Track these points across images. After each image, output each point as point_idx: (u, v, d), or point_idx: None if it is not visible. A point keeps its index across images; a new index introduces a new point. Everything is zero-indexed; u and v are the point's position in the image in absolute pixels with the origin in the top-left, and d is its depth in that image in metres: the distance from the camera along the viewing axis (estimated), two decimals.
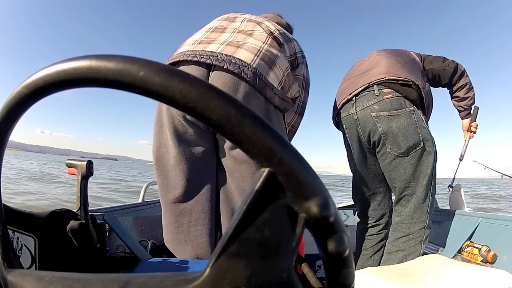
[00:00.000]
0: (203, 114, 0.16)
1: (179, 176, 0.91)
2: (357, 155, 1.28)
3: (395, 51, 1.34)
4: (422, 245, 1.11)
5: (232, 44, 0.94)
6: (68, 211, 0.75)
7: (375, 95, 1.14)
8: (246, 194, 0.17)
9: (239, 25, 1.06)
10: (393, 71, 1.16)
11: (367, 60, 1.32)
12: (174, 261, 0.85)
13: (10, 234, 0.58)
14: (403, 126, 1.11)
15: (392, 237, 1.17)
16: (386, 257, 1.16)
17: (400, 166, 1.13)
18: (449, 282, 0.69)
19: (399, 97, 1.12)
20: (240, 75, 0.87)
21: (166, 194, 0.94)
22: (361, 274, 0.73)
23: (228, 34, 1.00)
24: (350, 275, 0.18)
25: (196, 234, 0.92)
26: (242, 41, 0.96)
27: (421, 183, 1.12)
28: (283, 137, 0.17)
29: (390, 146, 1.13)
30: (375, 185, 1.29)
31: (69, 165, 0.79)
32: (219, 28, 1.04)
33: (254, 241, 0.16)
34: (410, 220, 1.12)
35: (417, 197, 1.12)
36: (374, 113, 1.14)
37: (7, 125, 0.23)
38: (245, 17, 1.10)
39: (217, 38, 0.98)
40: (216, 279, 0.16)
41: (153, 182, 1.93)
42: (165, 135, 0.93)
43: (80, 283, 0.19)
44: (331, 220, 0.17)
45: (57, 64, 0.18)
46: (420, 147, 1.11)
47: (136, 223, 1.46)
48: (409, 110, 1.12)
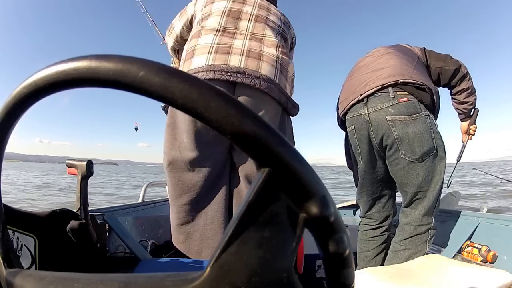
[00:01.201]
0: (203, 114, 0.16)
1: (196, 177, 0.93)
2: (366, 157, 1.24)
3: (402, 48, 1.29)
4: (427, 245, 1.11)
5: (252, 55, 0.98)
6: (68, 211, 0.75)
7: (390, 98, 1.10)
8: (246, 194, 0.17)
9: (252, 9, 1.09)
10: (407, 74, 1.13)
11: (376, 58, 1.27)
12: (174, 261, 0.85)
13: (10, 234, 0.58)
14: (419, 131, 1.08)
15: (399, 237, 1.16)
16: (392, 255, 1.16)
17: (413, 171, 1.11)
18: (449, 282, 0.69)
19: (414, 100, 1.09)
20: (267, 93, 0.95)
21: (181, 195, 0.95)
22: (361, 274, 0.73)
23: (241, 40, 1.02)
24: (350, 275, 0.18)
25: (211, 232, 0.93)
26: (258, 50, 1.00)
27: (433, 188, 1.11)
28: (283, 137, 0.17)
29: (404, 152, 1.10)
30: (381, 188, 1.28)
31: (69, 165, 0.79)
32: (233, 18, 1.05)
33: (254, 241, 0.16)
34: (419, 223, 1.12)
35: (428, 202, 1.11)
36: (389, 116, 1.10)
37: (7, 125, 0.23)
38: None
39: (232, 44, 0.99)
40: (216, 279, 0.16)
41: (153, 182, 1.93)
42: (179, 138, 0.94)
43: (80, 283, 0.19)
44: (331, 220, 0.17)
45: (57, 64, 0.18)
46: (434, 152, 1.10)
47: (136, 223, 1.46)
48: (424, 114, 1.09)
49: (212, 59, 0.95)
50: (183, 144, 0.93)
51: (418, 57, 1.27)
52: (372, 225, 1.32)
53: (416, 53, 1.29)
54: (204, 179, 0.93)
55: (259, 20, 1.08)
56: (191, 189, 0.93)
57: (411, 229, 1.13)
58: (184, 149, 0.93)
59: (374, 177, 1.27)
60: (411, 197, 1.15)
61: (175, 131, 0.95)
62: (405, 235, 1.14)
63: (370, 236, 1.31)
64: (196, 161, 0.92)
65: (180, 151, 0.94)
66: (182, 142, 0.94)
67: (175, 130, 0.95)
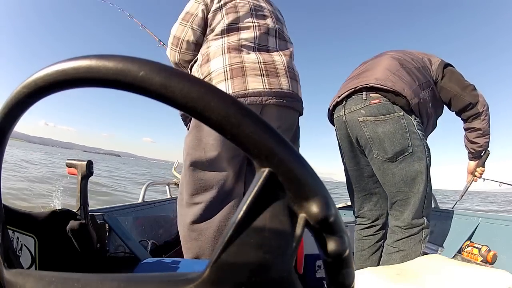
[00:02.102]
0: (203, 114, 0.16)
1: (218, 176, 0.97)
2: (348, 154, 1.28)
3: (404, 54, 1.26)
4: (422, 245, 1.11)
5: (289, 75, 1.04)
6: (68, 211, 0.75)
7: (363, 100, 1.14)
8: (246, 194, 0.17)
9: (273, 24, 1.13)
10: (383, 78, 1.13)
11: (369, 62, 1.30)
12: (174, 261, 0.85)
13: (10, 234, 0.58)
14: (389, 131, 1.09)
15: (390, 239, 1.17)
16: (386, 258, 1.16)
17: (388, 171, 1.13)
18: (449, 282, 0.69)
19: (387, 102, 1.11)
20: (294, 108, 1.05)
21: (200, 193, 0.98)
22: (361, 274, 0.73)
23: (277, 57, 1.06)
24: (350, 275, 0.18)
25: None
26: (289, 68, 1.06)
27: (416, 189, 1.10)
28: (283, 137, 0.17)
29: (377, 152, 1.13)
30: (370, 186, 1.29)
31: (69, 165, 0.79)
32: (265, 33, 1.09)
33: (254, 241, 0.16)
34: (408, 226, 1.12)
35: (414, 204, 1.11)
36: (361, 117, 1.13)
37: (7, 125, 0.23)
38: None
39: (274, 62, 1.03)
40: (216, 279, 0.16)
41: (153, 182, 1.93)
42: (205, 140, 0.97)
43: (80, 283, 0.19)
44: (331, 220, 0.17)
45: (58, 64, 0.18)
46: (409, 152, 1.09)
47: (136, 223, 1.46)
48: (398, 115, 1.10)
49: (270, 85, 0.99)
50: (208, 146, 0.96)
51: (418, 66, 1.21)
52: (365, 224, 1.32)
53: (420, 61, 1.23)
54: (225, 179, 0.97)
55: (282, 38, 1.15)
56: (212, 188, 0.97)
57: (401, 231, 1.13)
58: (209, 150, 0.96)
59: (359, 174, 1.29)
60: (392, 197, 1.16)
61: (200, 134, 0.97)
62: (396, 237, 1.14)
63: (364, 235, 1.32)
64: (220, 162, 0.96)
65: (205, 152, 0.96)
66: (207, 144, 0.97)
67: (201, 132, 0.97)
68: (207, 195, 0.97)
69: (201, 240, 0.98)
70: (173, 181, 2.18)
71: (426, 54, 1.28)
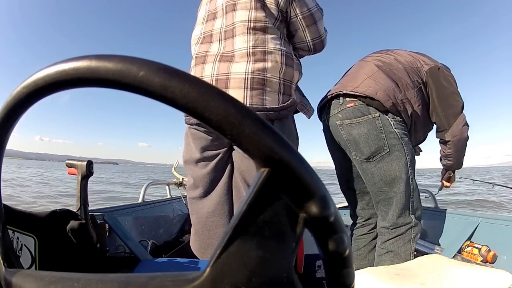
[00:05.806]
0: (203, 114, 0.16)
1: (202, 172, 1.03)
2: (337, 155, 1.32)
3: (388, 54, 1.25)
4: (411, 244, 1.10)
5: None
6: (68, 211, 0.75)
7: (340, 104, 1.18)
8: (246, 194, 0.17)
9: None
10: (357, 84, 1.15)
11: (353, 66, 1.33)
12: (174, 261, 0.86)
13: (10, 234, 0.58)
14: (363, 133, 1.12)
15: (380, 240, 1.17)
16: (378, 260, 1.16)
17: (367, 171, 1.15)
18: (449, 282, 0.69)
19: (361, 105, 1.13)
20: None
21: (192, 189, 1.06)
22: (361, 274, 0.73)
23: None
24: (350, 275, 0.18)
25: (212, 224, 1.02)
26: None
27: (397, 189, 1.10)
28: (283, 137, 0.17)
29: (355, 153, 1.17)
30: (361, 185, 1.29)
31: (69, 165, 0.79)
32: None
33: (254, 241, 0.16)
34: (395, 226, 1.12)
35: (397, 204, 1.11)
36: (338, 121, 1.18)
37: (7, 125, 0.23)
38: None
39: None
40: (216, 279, 0.16)
41: (153, 182, 1.94)
42: (189, 145, 1.06)
43: (80, 283, 0.19)
44: (331, 220, 0.17)
45: (57, 64, 0.18)
46: (385, 152, 1.10)
47: (136, 223, 1.46)
48: (373, 116, 1.11)
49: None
50: (190, 148, 1.06)
51: (407, 66, 1.19)
52: (359, 222, 1.33)
53: (408, 61, 1.21)
54: (208, 176, 1.03)
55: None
56: (199, 183, 1.04)
57: (388, 232, 1.14)
58: (192, 151, 1.06)
59: (350, 175, 1.31)
60: (375, 197, 1.17)
61: (188, 139, 1.07)
62: (384, 238, 1.14)
63: (358, 235, 1.32)
64: (201, 159, 1.03)
65: (190, 154, 1.06)
66: (190, 146, 1.06)
67: (187, 137, 1.07)
68: (197, 191, 1.05)
69: (197, 238, 1.05)
70: (173, 181, 2.18)
71: (419, 55, 1.27)
